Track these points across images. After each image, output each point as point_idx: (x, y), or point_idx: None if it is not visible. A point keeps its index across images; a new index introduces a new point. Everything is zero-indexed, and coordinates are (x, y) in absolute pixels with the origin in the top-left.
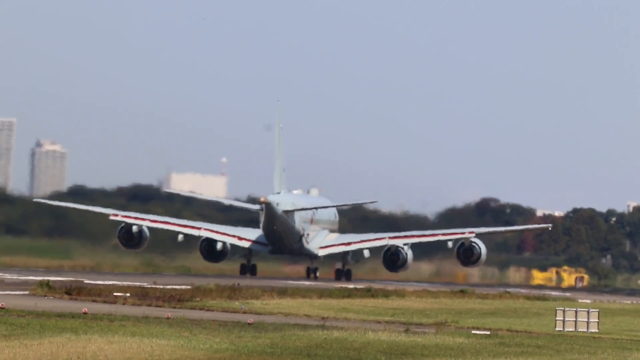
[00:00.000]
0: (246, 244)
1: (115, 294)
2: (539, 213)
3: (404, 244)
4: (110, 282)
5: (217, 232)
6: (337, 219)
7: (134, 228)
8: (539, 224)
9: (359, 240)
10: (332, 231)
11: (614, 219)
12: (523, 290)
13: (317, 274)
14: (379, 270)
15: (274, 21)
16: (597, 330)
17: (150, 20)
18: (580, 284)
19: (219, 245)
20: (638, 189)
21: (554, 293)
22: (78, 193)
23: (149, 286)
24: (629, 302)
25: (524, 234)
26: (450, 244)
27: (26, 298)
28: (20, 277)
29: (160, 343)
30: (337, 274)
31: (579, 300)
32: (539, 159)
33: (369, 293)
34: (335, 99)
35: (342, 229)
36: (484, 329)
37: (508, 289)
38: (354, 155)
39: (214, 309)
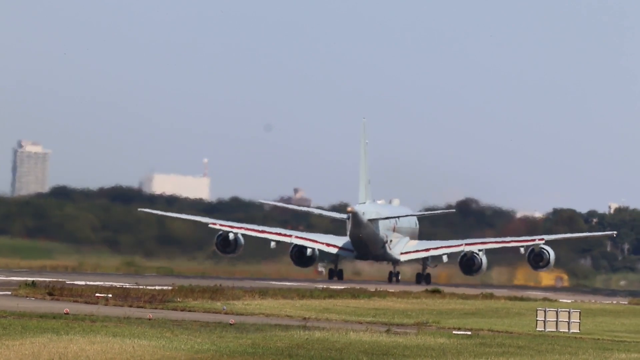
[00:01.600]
0: (334, 250)
1: (97, 294)
2: (519, 214)
3: (479, 250)
4: (92, 283)
5: (307, 239)
6: (417, 227)
7: (231, 235)
8: (519, 225)
9: (437, 246)
10: (412, 238)
11: (595, 219)
12: (504, 291)
13: (399, 277)
14: (457, 274)
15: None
16: (578, 331)
17: (131, 19)
18: (560, 284)
19: (309, 252)
20: (620, 190)
21: (534, 293)
22: (60, 194)
23: (131, 287)
24: (610, 302)
25: (504, 236)
26: (522, 250)
27: (8, 299)
28: (1, 278)
29: (142, 343)
30: (417, 278)
31: (560, 301)
32: (519, 160)
33: (351, 294)
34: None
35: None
36: (465, 330)
37: (490, 289)
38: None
39: (196, 309)
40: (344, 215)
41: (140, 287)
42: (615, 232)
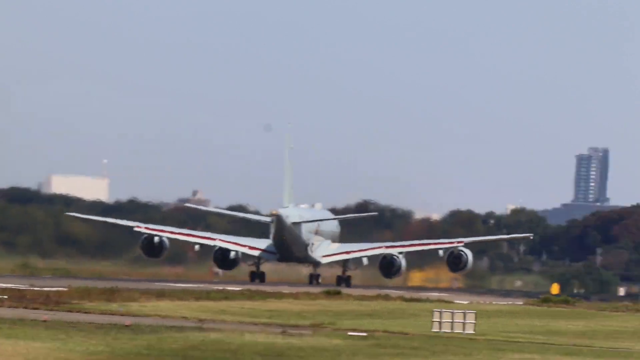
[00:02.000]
0: (256, 253)
1: None
2: (418, 216)
3: (399, 253)
4: None
5: (230, 242)
6: (339, 230)
7: (156, 239)
8: (417, 226)
9: (358, 249)
10: (334, 241)
11: (492, 221)
12: (400, 292)
13: (320, 280)
14: (377, 277)
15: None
16: (473, 332)
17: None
18: (456, 285)
19: (232, 254)
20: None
21: (431, 294)
22: None
23: (26, 288)
24: (505, 303)
25: (402, 234)
26: (441, 252)
27: None
28: None
29: (35, 346)
30: (337, 280)
31: (456, 302)
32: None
33: (247, 295)
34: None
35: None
36: (361, 331)
37: (386, 290)
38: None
39: (92, 311)
40: (268, 219)
41: (36, 288)
42: (531, 235)
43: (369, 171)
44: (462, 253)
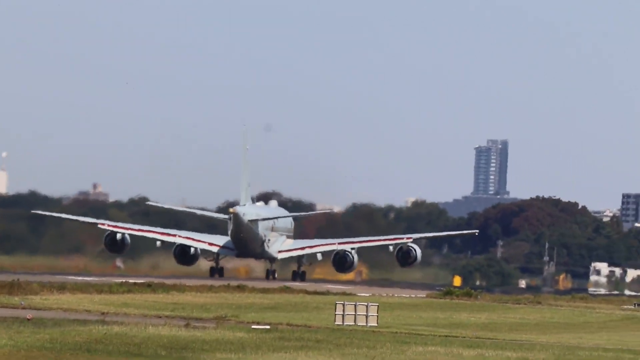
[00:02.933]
0: (215, 249)
1: None
2: (319, 208)
3: (351, 248)
4: None
5: (190, 238)
6: (293, 226)
7: (118, 236)
8: (319, 219)
9: (312, 245)
10: (288, 237)
11: (393, 214)
12: (303, 284)
13: (276, 275)
14: (330, 271)
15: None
16: (376, 324)
17: None
18: (359, 278)
19: (192, 250)
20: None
21: (334, 287)
22: None
23: None
24: (407, 295)
25: (304, 226)
26: (391, 248)
27: None
28: None
29: None
30: (293, 275)
31: (359, 295)
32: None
33: (150, 288)
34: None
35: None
36: (264, 324)
37: (288, 283)
38: None
39: None
40: (226, 216)
41: None
42: (476, 231)
43: (274, 162)
44: (411, 248)
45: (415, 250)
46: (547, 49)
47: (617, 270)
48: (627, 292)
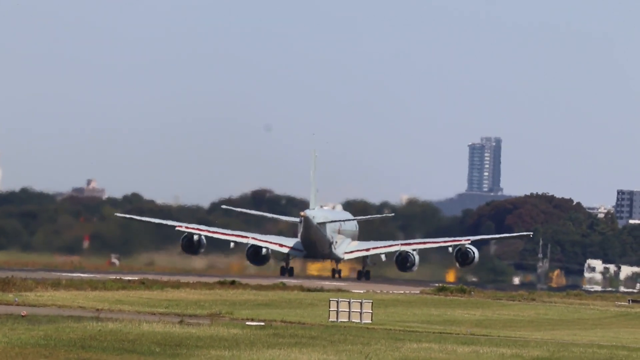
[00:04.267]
0: (285, 250)
1: None
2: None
3: (413, 249)
4: None
5: (261, 240)
6: (357, 229)
7: (195, 237)
8: None
9: (376, 246)
10: (353, 239)
11: (387, 211)
12: (298, 281)
13: (341, 274)
14: (393, 271)
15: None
16: (370, 321)
17: None
18: (352, 274)
19: (263, 251)
20: (411, 182)
21: (328, 283)
22: None
23: None
24: (402, 292)
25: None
26: (450, 249)
27: None
28: None
29: None
30: (358, 274)
31: (353, 291)
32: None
33: (144, 285)
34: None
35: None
36: (259, 320)
37: (284, 280)
38: None
39: None
40: (297, 219)
41: None
42: (531, 233)
43: (266, 159)
44: (469, 250)
45: (473, 252)
46: (541, 46)
47: (612, 267)
48: (621, 288)
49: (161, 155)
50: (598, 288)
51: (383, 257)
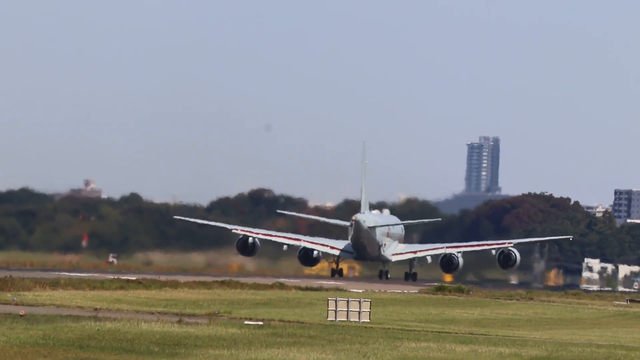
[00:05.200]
0: (336, 252)
1: None
2: (311, 204)
3: (457, 252)
4: None
5: (313, 242)
6: (404, 232)
7: (250, 240)
8: (312, 214)
9: (423, 249)
10: (400, 242)
11: (385, 209)
12: (296, 281)
13: (388, 275)
14: (439, 273)
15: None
16: (368, 320)
17: None
18: (352, 274)
19: (315, 253)
20: (409, 181)
21: (327, 283)
22: None
23: None
24: (400, 291)
25: (298, 224)
26: (493, 252)
27: None
28: None
29: None
30: (405, 275)
31: (351, 290)
32: (308, 152)
33: (142, 284)
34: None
35: None
36: (257, 320)
37: (281, 280)
38: None
39: None
40: (348, 223)
41: None
42: (570, 237)
43: (263, 159)
44: (512, 252)
45: (515, 254)
46: (540, 45)
47: (610, 267)
48: (619, 288)
49: (159, 155)
50: (596, 287)
51: (429, 259)
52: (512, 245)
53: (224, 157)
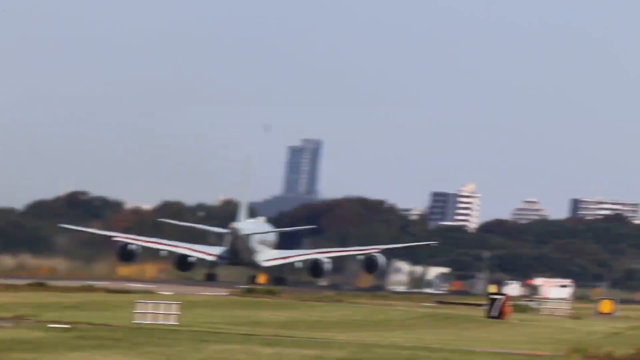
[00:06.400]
0: (212, 258)
1: None
2: (128, 206)
3: (326, 258)
4: None
5: (190, 248)
6: (276, 239)
7: (129, 247)
8: (128, 216)
9: (293, 255)
10: (273, 248)
11: (203, 212)
12: (106, 283)
13: (259, 280)
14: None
15: None
16: (176, 323)
17: None
18: (163, 276)
19: (191, 259)
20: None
21: (136, 285)
22: None
23: None
24: (210, 293)
25: (112, 225)
26: (359, 257)
27: None
28: None
29: None
30: (275, 280)
31: (161, 293)
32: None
33: None
34: None
35: None
36: (64, 323)
37: (92, 282)
38: None
39: None
40: (226, 230)
41: None
42: (437, 242)
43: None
44: (376, 258)
45: (379, 259)
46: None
47: (418, 268)
48: (428, 290)
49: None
50: (404, 289)
51: (300, 264)
52: (377, 251)
53: (39, 160)
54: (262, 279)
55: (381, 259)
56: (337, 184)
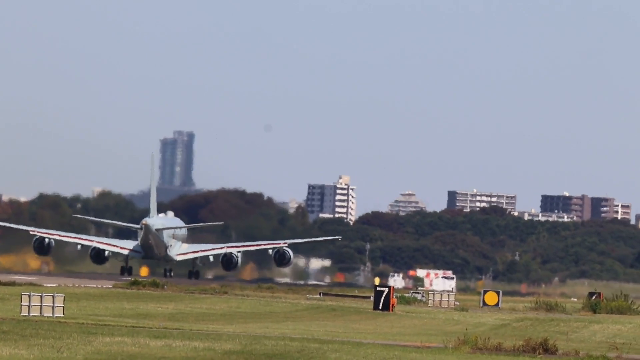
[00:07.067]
0: (125, 252)
1: None
2: (5, 198)
3: (237, 252)
4: None
5: (104, 243)
6: (186, 233)
7: (46, 240)
8: (4, 208)
9: (205, 249)
10: (184, 242)
11: (79, 204)
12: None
13: (172, 273)
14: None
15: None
16: (62, 315)
17: None
18: (46, 269)
19: (106, 253)
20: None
21: (20, 278)
22: None
23: None
24: (94, 286)
25: None
26: (270, 251)
27: None
28: None
29: None
30: (189, 274)
31: (45, 285)
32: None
33: None
34: None
35: None
36: None
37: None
38: None
39: None
40: (138, 226)
41: None
42: (340, 237)
43: None
44: (286, 251)
45: (289, 253)
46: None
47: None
48: (311, 281)
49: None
50: (289, 281)
51: (211, 258)
52: (286, 245)
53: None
54: (144, 271)
55: (290, 252)
56: (212, 176)
